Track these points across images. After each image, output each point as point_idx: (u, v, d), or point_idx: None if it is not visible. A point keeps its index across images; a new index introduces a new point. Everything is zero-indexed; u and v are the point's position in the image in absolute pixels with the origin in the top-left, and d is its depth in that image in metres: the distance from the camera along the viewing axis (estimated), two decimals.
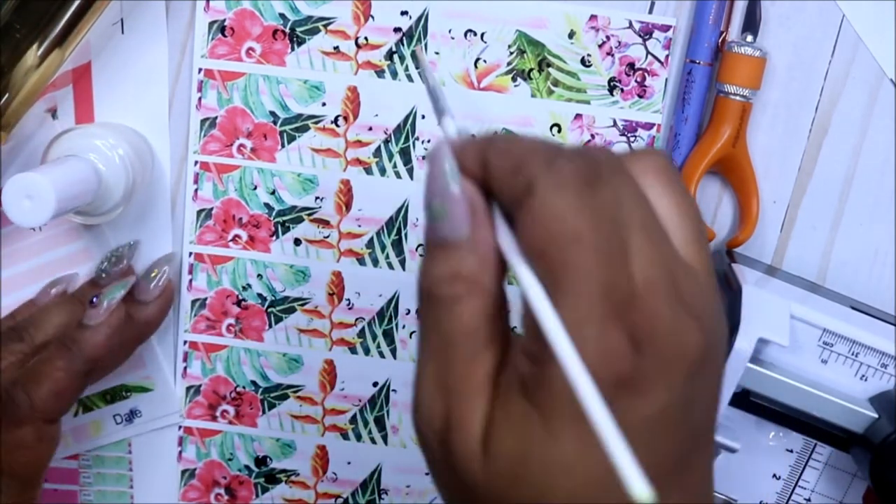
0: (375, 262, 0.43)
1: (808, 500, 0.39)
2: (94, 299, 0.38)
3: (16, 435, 0.35)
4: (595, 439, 0.22)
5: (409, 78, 0.41)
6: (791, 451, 0.38)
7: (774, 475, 0.39)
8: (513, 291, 0.25)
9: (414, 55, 0.40)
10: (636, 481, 0.21)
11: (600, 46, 0.40)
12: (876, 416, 0.35)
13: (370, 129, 0.41)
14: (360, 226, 0.43)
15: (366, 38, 0.41)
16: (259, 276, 0.43)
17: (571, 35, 0.40)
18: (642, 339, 0.23)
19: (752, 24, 0.39)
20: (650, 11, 0.40)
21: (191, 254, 0.43)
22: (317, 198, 0.42)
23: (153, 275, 0.41)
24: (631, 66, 0.40)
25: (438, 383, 0.25)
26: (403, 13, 0.40)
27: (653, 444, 0.23)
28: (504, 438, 0.24)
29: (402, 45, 0.41)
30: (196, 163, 0.42)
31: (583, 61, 0.40)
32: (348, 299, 0.43)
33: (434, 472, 0.26)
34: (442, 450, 0.25)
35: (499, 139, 0.26)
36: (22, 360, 0.38)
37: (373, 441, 0.45)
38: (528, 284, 0.24)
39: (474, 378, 0.25)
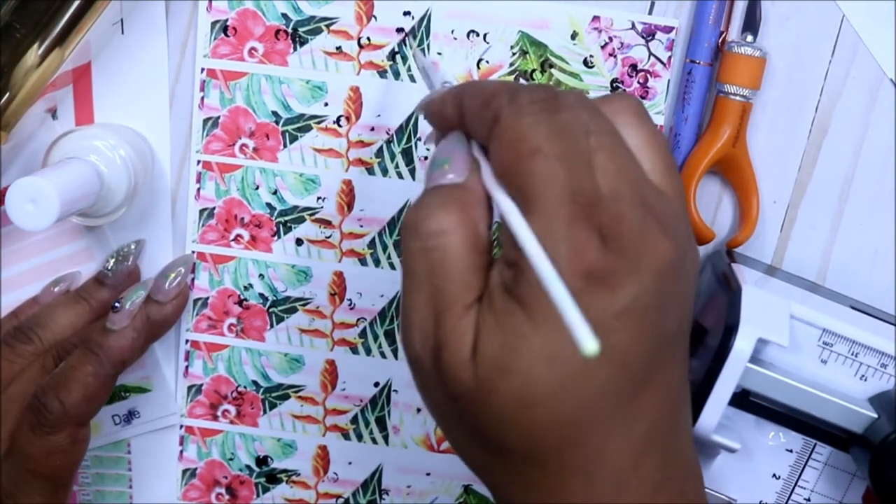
0: (377, 263, 0.43)
1: (808, 499, 0.39)
2: (117, 303, 0.38)
3: (50, 440, 0.36)
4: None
5: (412, 78, 0.41)
6: (791, 451, 0.38)
7: (774, 475, 0.39)
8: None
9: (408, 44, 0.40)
10: (584, 335, 0.22)
11: (603, 47, 0.40)
12: (875, 416, 0.36)
13: (372, 129, 0.41)
14: (361, 226, 0.43)
15: (368, 39, 0.41)
16: (261, 275, 0.43)
17: (574, 36, 0.40)
18: (610, 237, 0.25)
19: (752, 24, 0.39)
20: (650, 12, 0.40)
21: (192, 252, 0.43)
22: (319, 198, 0.42)
23: (171, 275, 0.41)
24: (633, 67, 0.40)
25: (431, 305, 0.27)
26: (406, 13, 0.40)
27: (627, 339, 0.25)
28: (491, 339, 0.26)
29: (405, 45, 0.41)
30: (198, 162, 0.42)
31: (585, 62, 0.40)
32: (350, 299, 0.43)
33: (424, 391, 0.28)
34: (434, 366, 0.27)
35: (471, 84, 0.29)
36: (32, 362, 0.38)
37: (374, 441, 0.45)
38: (499, 199, 0.26)
39: (464, 299, 0.27)
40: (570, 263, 0.25)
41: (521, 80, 0.41)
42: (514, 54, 0.40)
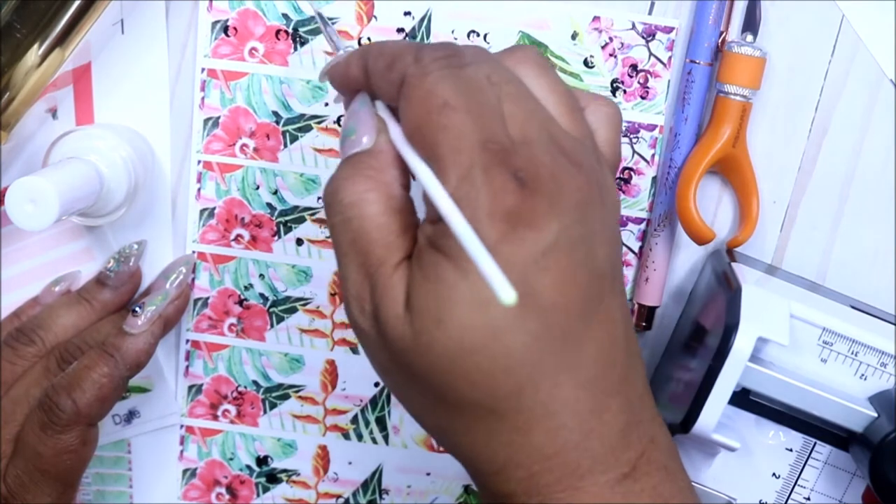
0: None
1: (808, 498, 0.39)
2: (137, 308, 0.39)
3: (62, 440, 0.36)
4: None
5: None
6: (790, 450, 0.38)
7: (774, 474, 0.39)
8: None
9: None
10: (500, 284, 0.23)
11: (603, 48, 0.40)
12: (875, 415, 0.36)
13: None
14: None
15: (369, 39, 0.41)
16: (261, 275, 0.43)
17: (574, 36, 0.40)
18: (527, 179, 0.25)
19: (751, 24, 0.39)
20: (650, 12, 0.40)
21: (193, 253, 0.43)
22: (319, 198, 0.42)
23: (171, 276, 0.41)
24: (633, 67, 0.40)
25: (362, 273, 0.28)
26: (406, 13, 0.40)
27: (561, 273, 0.26)
28: (422, 291, 0.26)
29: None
30: (199, 162, 0.42)
31: (586, 62, 0.40)
32: None
33: (374, 360, 0.29)
34: (375, 328, 0.27)
35: (375, 44, 0.30)
36: (34, 363, 0.39)
37: (374, 441, 0.45)
38: (409, 158, 0.27)
39: (391, 260, 0.27)
40: (490, 209, 0.25)
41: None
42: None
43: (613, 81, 0.40)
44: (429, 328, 0.26)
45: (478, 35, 0.40)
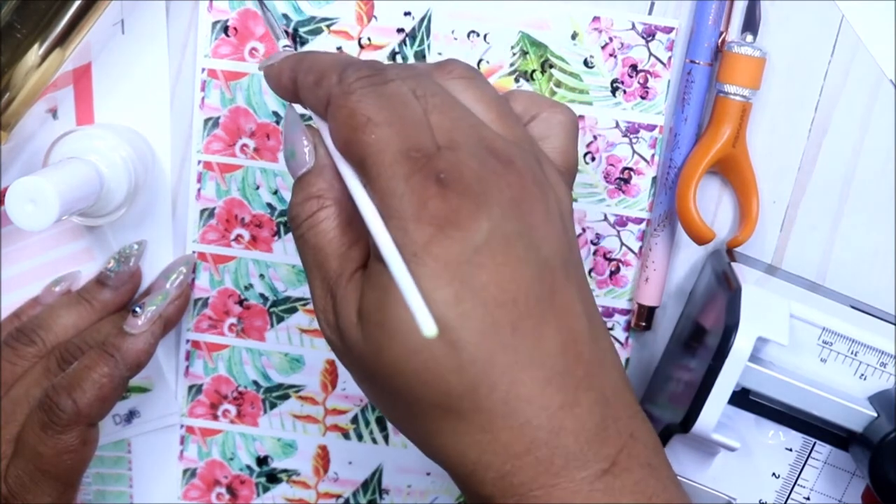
0: None
1: (808, 498, 0.39)
2: (138, 308, 0.39)
3: (61, 439, 0.36)
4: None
5: None
6: (790, 450, 0.38)
7: (774, 474, 0.39)
8: None
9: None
10: (423, 317, 0.23)
11: (603, 48, 0.40)
12: (875, 414, 0.36)
13: None
14: None
15: (369, 39, 0.41)
16: (261, 275, 0.43)
17: (574, 36, 0.40)
18: (449, 180, 0.26)
19: (751, 24, 0.39)
20: (650, 12, 0.40)
21: (194, 253, 0.43)
22: None
23: (172, 276, 0.41)
24: (633, 67, 0.40)
25: (325, 286, 0.29)
26: (406, 14, 0.40)
27: (500, 269, 0.26)
28: (368, 299, 0.27)
29: (405, 45, 0.41)
30: (199, 162, 0.42)
31: (585, 63, 0.40)
32: None
33: (348, 369, 0.30)
34: (339, 339, 0.29)
35: (305, 58, 0.30)
36: (35, 363, 0.39)
37: (374, 441, 0.45)
38: (342, 172, 0.28)
39: (346, 271, 0.28)
40: (415, 214, 0.26)
41: (522, 81, 0.41)
42: (514, 55, 0.40)
43: (613, 81, 0.41)
44: (375, 333, 0.27)
45: (478, 35, 0.40)
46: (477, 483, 0.27)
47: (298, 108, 0.31)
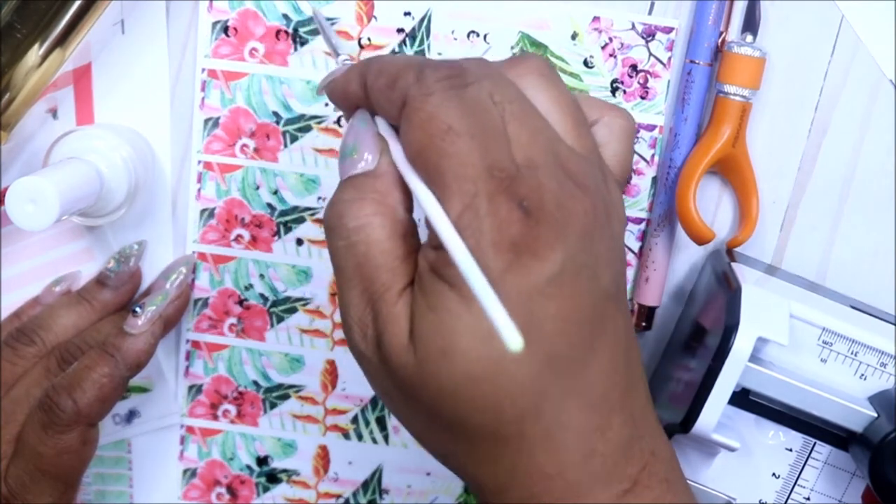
0: None
1: (808, 498, 0.39)
2: (138, 308, 0.39)
3: (62, 439, 0.36)
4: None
5: None
6: (790, 450, 0.38)
7: (774, 474, 0.39)
8: None
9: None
10: (508, 330, 0.22)
11: (603, 48, 0.40)
12: (875, 415, 0.36)
13: None
14: None
15: (369, 39, 0.41)
16: (261, 275, 0.43)
17: (574, 36, 0.40)
18: (532, 208, 0.25)
19: (751, 24, 0.39)
20: (650, 12, 0.40)
21: (193, 253, 0.43)
22: (319, 198, 0.42)
23: (172, 276, 0.41)
24: (633, 67, 0.40)
25: (365, 298, 0.27)
26: (406, 14, 0.40)
27: (566, 301, 0.25)
28: (426, 321, 0.26)
29: (405, 45, 0.41)
30: (199, 162, 0.42)
31: (585, 63, 0.40)
32: None
33: (374, 382, 0.29)
34: (377, 355, 0.27)
35: (375, 60, 0.29)
36: (35, 363, 0.39)
37: (374, 441, 0.45)
38: (412, 184, 0.26)
39: (395, 286, 0.27)
40: (495, 239, 0.25)
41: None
42: (514, 55, 0.40)
43: (613, 82, 0.41)
44: (434, 358, 0.25)
45: (478, 35, 0.40)
46: (501, 501, 0.27)
47: None
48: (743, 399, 0.37)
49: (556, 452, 0.26)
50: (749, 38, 0.39)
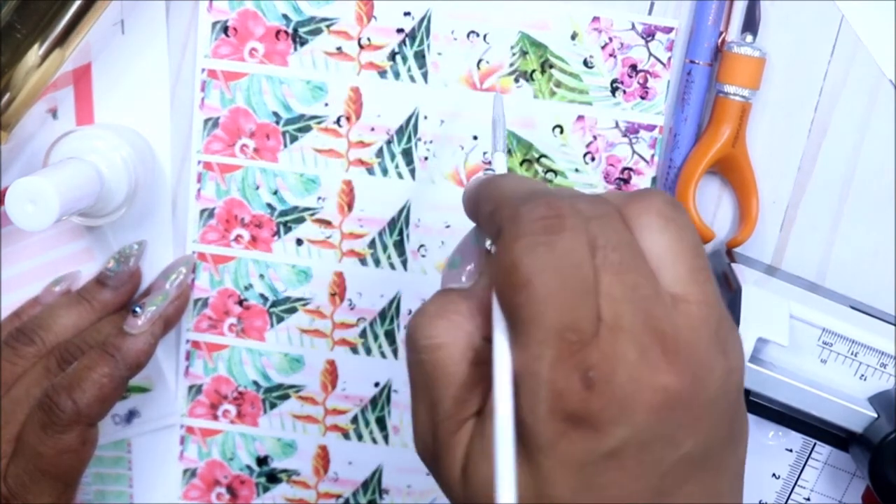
0: (377, 263, 0.43)
1: (808, 499, 0.39)
2: (138, 309, 0.39)
3: (62, 439, 0.36)
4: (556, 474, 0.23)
5: (412, 79, 0.41)
6: (790, 451, 0.38)
7: (774, 474, 0.39)
8: None
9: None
10: (505, 492, 0.22)
11: (603, 48, 0.40)
12: (875, 415, 0.36)
13: (372, 129, 0.42)
14: (361, 226, 0.43)
15: (368, 39, 0.41)
16: (261, 275, 0.43)
17: (574, 36, 0.40)
18: (598, 380, 0.23)
19: (751, 24, 0.39)
20: (650, 12, 0.40)
21: (193, 253, 0.43)
22: (319, 198, 0.42)
23: (172, 276, 0.41)
24: (633, 67, 0.40)
25: (429, 417, 0.26)
26: (406, 14, 0.40)
27: (625, 475, 0.24)
28: (480, 467, 0.25)
29: (405, 45, 0.41)
30: (199, 162, 0.42)
31: (585, 63, 0.40)
32: (350, 299, 0.43)
33: (437, 484, 0.28)
34: (434, 473, 0.27)
35: (491, 182, 0.27)
36: (35, 363, 0.39)
37: (374, 441, 0.45)
38: (495, 319, 0.25)
39: (458, 415, 0.26)
40: (550, 406, 0.23)
41: (522, 81, 0.41)
42: (514, 55, 0.40)
43: (613, 81, 0.40)
44: (480, 503, 0.25)
45: (477, 35, 0.40)
46: None
47: None
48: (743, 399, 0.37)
49: None
50: (749, 38, 0.39)
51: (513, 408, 0.23)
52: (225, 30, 0.41)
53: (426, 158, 0.42)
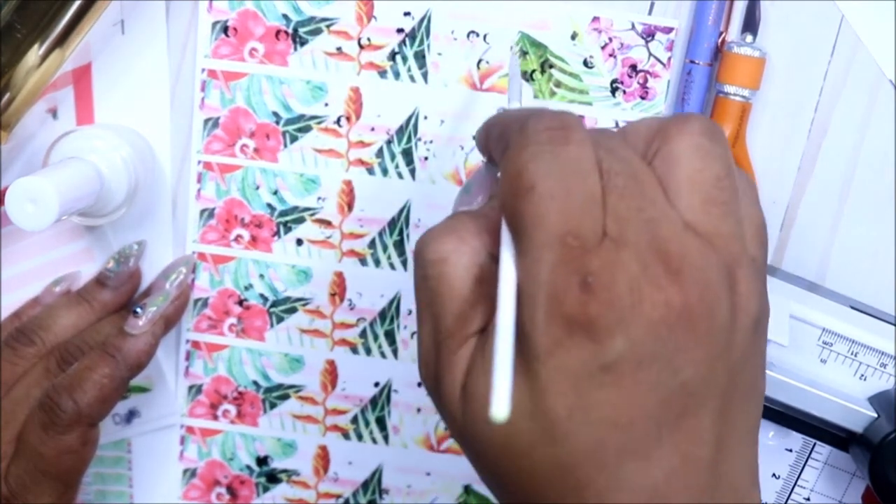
0: (377, 263, 0.43)
1: (808, 499, 0.39)
2: (138, 309, 0.39)
3: (62, 440, 0.36)
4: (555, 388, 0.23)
5: (412, 79, 0.41)
6: (790, 451, 0.38)
7: (774, 474, 0.39)
8: None
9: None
10: (498, 397, 0.22)
11: (603, 48, 0.40)
12: (875, 415, 0.36)
13: (372, 129, 0.42)
14: (361, 226, 0.43)
15: (368, 39, 0.41)
16: (261, 276, 0.43)
17: (574, 37, 0.40)
18: (598, 286, 0.23)
19: (751, 24, 0.39)
20: (650, 12, 0.40)
21: (193, 253, 0.43)
22: (319, 198, 0.42)
23: (172, 276, 0.41)
24: (633, 67, 0.40)
25: (432, 338, 0.26)
26: (406, 14, 0.40)
27: (621, 393, 0.23)
28: (479, 382, 0.25)
29: (405, 45, 0.41)
30: (199, 162, 0.42)
31: (585, 63, 0.40)
32: (350, 300, 0.43)
33: (437, 410, 0.28)
34: (435, 395, 0.27)
35: (504, 112, 0.28)
36: (35, 364, 0.39)
37: (374, 441, 0.45)
38: (503, 232, 0.25)
39: (460, 333, 0.26)
40: (547, 309, 0.23)
41: (522, 81, 0.41)
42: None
43: (613, 82, 0.40)
44: (477, 421, 0.25)
45: (477, 35, 0.40)
46: None
47: None
48: None
49: None
50: (749, 38, 0.39)
51: (514, 317, 0.23)
52: (225, 30, 0.41)
53: (426, 158, 0.42)
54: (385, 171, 0.42)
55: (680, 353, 0.24)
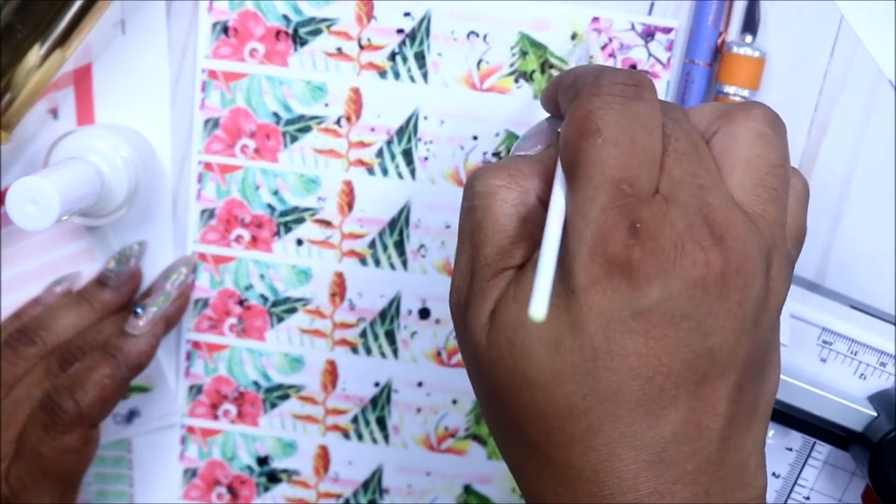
0: (377, 263, 0.43)
1: (808, 498, 0.39)
2: (139, 310, 0.39)
3: (63, 440, 0.36)
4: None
5: (412, 79, 0.41)
6: (790, 450, 0.38)
7: (774, 473, 0.39)
8: None
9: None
10: (539, 300, 0.22)
11: (602, 48, 0.40)
12: (875, 414, 0.36)
13: (372, 129, 0.42)
14: (362, 226, 0.43)
15: (368, 39, 0.41)
16: (261, 276, 0.43)
17: (574, 37, 0.40)
18: (646, 234, 0.24)
19: (751, 24, 0.39)
20: (650, 13, 0.40)
21: (194, 253, 0.43)
22: (319, 198, 0.42)
23: (172, 276, 0.41)
24: (633, 67, 0.40)
25: (469, 266, 0.27)
26: (406, 14, 0.40)
27: (651, 343, 0.24)
28: (507, 309, 0.25)
29: (405, 45, 0.41)
30: (199, 163, 0.42)
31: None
32: (350, 300, 0.43)
33: (459, 345, 0.29)
34: (462, 323, 0.27)
35: (572, 68, 0.29)
36: (35, 364, 0.39)
37: (374, 441, 0.45)
38: (557, 172, 0.26)
39: (497, 264, 0.26)
40: (592, 248, 0.24)
41: (521, 82, 0.41)
42: (514, 55, 0.41)
43: None
44: (501, 345, 0.25)
45: (477, 35, 0.40)
46: None
47: None
48: None
49: (602, 498, 0.25)
50: (749, 38, 0.39)
51: (558, 248, 0.24)
52: (225, 30, 0.41)
53: (426, 158, 0.42)
54: (385, 172, 0.42)
55: (711, 317, 0.24)
